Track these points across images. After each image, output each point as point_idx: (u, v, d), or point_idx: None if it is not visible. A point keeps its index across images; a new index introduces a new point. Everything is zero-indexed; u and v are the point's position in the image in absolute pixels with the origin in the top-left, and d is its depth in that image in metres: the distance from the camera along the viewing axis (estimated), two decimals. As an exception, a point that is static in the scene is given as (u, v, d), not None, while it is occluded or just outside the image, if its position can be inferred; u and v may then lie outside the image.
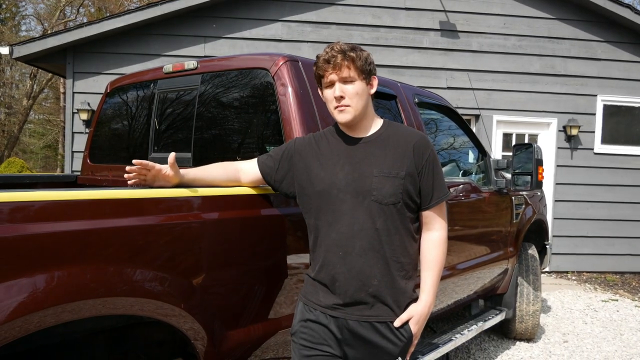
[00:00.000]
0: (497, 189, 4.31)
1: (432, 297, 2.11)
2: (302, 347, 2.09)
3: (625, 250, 8.70)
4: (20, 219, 1.64)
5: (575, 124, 8.38)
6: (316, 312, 2.08)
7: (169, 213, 2.03)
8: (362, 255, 2.00)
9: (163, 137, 3.38)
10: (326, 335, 2.05)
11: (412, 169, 2.04)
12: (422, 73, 8.26)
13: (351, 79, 2.02)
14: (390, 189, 1.99)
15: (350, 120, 2.05)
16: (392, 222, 2.01)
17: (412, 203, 2.06)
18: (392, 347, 2.03)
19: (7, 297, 1.56)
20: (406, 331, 2.04)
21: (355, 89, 2.03)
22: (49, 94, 29.65)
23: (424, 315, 2.08)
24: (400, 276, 2.04)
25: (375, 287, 2.00)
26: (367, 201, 1.99)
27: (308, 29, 8.07)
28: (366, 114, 2.11)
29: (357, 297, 2.01)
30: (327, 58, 2.01)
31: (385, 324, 2.02)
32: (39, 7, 28.54)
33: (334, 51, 2.01)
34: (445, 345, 3.68)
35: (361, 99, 2.05)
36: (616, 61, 8.62)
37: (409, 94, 3.59)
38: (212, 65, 3.14)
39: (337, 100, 2.03)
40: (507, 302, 4.84)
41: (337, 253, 2.02)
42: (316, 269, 2.10)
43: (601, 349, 5.12)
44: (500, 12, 8.40)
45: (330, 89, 2.06)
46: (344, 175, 2.04)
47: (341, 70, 2.01)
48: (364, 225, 1.99)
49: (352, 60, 2.01)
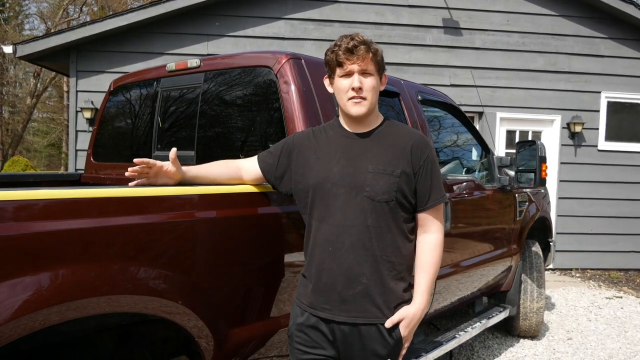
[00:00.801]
0: (500, 186, 4.30)
1: (425, 300, 2.06)
2: (298, 352, 2.08)
3: (630, 247, 8.68)
4: (25, 217, 1.64)
5: (579, 121, 8.35)
6: (307, 314, 2.06)
7: (173, 211, 2.03)
8: (351, 251, 1.97)
9: (166, 135, 3.39)
10: (319, 338, 2.04)
11: (409, 169, 2.02)
12: (425, 70, 8.25)
13: (370, 72, 2.01)
14: (384, 186, 1.98)
15: (365, 113, 2.03)
16: (384, 220, 1.99)
17: (406, 203, 2.03)
18: (381, 349, 2.00)
19: (12, 295, 1.57)
20: (396, 333, 2.01)
21: (372, 83, 2.02)
22: (53, 92, 29.72)
23: (415, 318, 2.03)
24: (390, 276, 2.01)
25: (364, 285, 1.98)
26: (360, 197, 1.98)
27: (311, 27, 8.06)
28: (374, 110, 2.11)
29: (345, 294, 1.98)
30: (350, 47, 1.97)
31: (375, 326, 1.99)
32: (42, 5, 28.62)
33: (356, 41, 1.98)
34: (449, 343, 3.68)
35: (375, 94, 2.05)
36: (620, 58, 8.59)
37: (412, 92, 3.59)
38: (215, 63, 3.14)
39: (356, 91, 2.00)
40: (510, 300, 4.84)
41: (327, 249, 2.00)
42: (307, 266, 2.09)
43: (605, 346, 5.12)
44: (503, 9, 8.38)
45: (346, 79, 2.01)
46: (339, 169, 2.02)
47: (364, 61, 1.98)
48: (355, 221, 1.97)
49: (374, 54, 2.01)
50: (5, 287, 1.56)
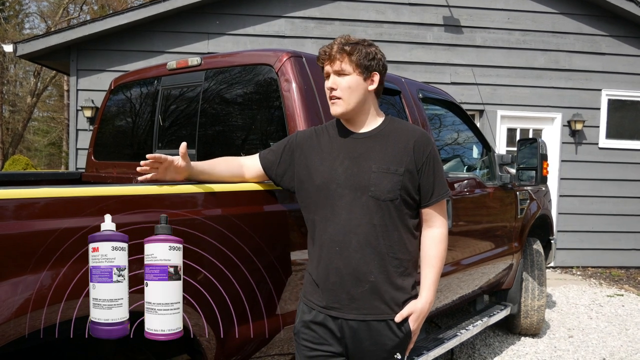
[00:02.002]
0: (501, 184, 4.30)
1: (432, 294, 2.09)
2: (305, 348, 2.09)
3: (631, 245, 8.68)
4: (26, 216, 1.64)
5: (580, 119, 8.35)
6: (315, 311, 2.07)
7: (175, 209, 2.03)
8: (359, 250, 1.99)
9: (167, 133, 3.39)
10: (326, 335, 2.05)
11: (412, 166, 2.03)
12: (425, 68, 8.25)
13: (346, 72, 2.03)
14: (389, 185, 1.99)
15: (340, 113, 2.07)
16: (390, 218, 2.00)
17: (410, 200, 2.04)
18: (391, 343, 2.02)
19: (13, 294, 1.56)
20: (405, 327, 2.03)
21: (347, 83, 2.03)
22: (53, 91, 29.72)
23: (424, 312, 2.07)
24: (398, 273, 2.03)
25: (371, 283, 1.99)
26: (365, 197, 1.99)
27: (312, 25, 8.06)
28: (363, 109, 2.10)
29: (353, 293, 2.00)
30: (325, 50, 2.06)
31: (385, 322, 2.01)
32: (42, 4, 28.64)
33: (333, 44, 2.05)
34: (450, 341, 3.68)
35: (354, 93, 2.05)
36: (621, 55, 8.58)
37: (413, 90, 3.59)
38: (216, 61, 3.14)
39: (329, 91, 2.06)
40: (512, 298, 4.84)
41: (334, 248, 2.01)
42: (313, 265, 2.10)
43: (606, 344, 5.11)
44: (504, 6, 8.37)
45: (327, 81, 2.09)
46: (343, 170, 2.03)
47: (336, 62, 2.03)
48: (361, 220, 1.98)
49: (347, 54, 2.02)
50: (6, 286, 1.56)
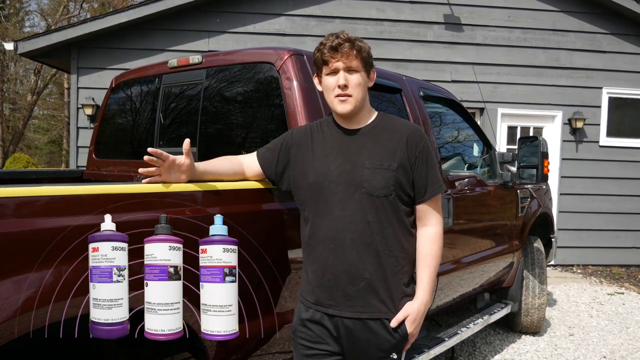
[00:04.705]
0: (502, 182, 4.30)
1: (428, 294, 2.07)
2: (302, 347, 2.09)
3: (631, 243, 8.68)
4: (28, 214, 1.64)
5: (581, 117, 8.34)
6: (312, 310, 2.07)
7: (176, 208, 2.03)
8: (353, 248, 1.98)
9: (168, 131, 3.39)
10: (323, 334, 2.05)
11: (405, 161, 2.02)
12: (426, 66, 8.24)
13: (355, 68, 2.02)
14: (382, 181, 1.98)
15: (351, 111, 2.04)
16: (385, 214, 1.99)
17: (405, 196, 2.03)
18: (386, 344, 2.01)
19: (14, 293, 1.57)
20: (401, 329, 2.02)
21: (358, 80, 2.03)
22: (53, 89, 29.71)
23: (420, 313, 2.04)
24: (393, 270, 2.01)
25: (367, 280, 1.98)
26: (358, 193, 1.98)
27: (312, 23, 8.05)
28: (363, 105, 2.10)
29: (349, 290, 1.99)
30: (335, 45, 2.00)
31: (380, 321, 2.00)
32: (42, 2, 28.66)
33: (341, 39, 2.00)
34: (451, 339, 3.68)
35: (362, 91, 2.05)
36: (621, 53, 8.57)
37: (414, 88, 3.59)
38: (217, 59, 3.13)
39: (341, 88, 2.01)
40: (512, 296, 4.84)
41: (329, 246, 2.01)
42: (309, 263, 2.09)
43: (607, 342, 5.12)
44: (504, 4, 8.36)
45: (332, 77, 2.04)
46: (336, 167, 2.03)
47: (348, 58, 2.00)
48: (355, 217, 1.98)
49: (359, 50, 2.01)
50: (8, 284, 1.56)
